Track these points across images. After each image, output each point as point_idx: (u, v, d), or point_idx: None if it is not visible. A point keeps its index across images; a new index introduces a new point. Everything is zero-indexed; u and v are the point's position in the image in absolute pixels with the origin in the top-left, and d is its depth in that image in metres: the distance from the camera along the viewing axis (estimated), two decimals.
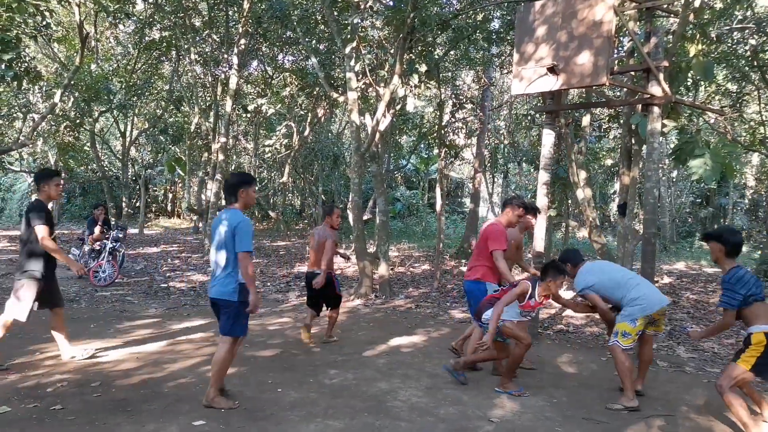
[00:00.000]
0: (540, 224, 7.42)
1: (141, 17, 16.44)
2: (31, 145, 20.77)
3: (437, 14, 10.60)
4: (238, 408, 4.55)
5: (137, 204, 27.03)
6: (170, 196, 31.02)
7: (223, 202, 5.12)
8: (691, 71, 7.45)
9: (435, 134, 17.88)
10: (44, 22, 10.71)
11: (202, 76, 17.73)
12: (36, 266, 5.36)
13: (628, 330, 5.05)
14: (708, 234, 4.79)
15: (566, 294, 9.64)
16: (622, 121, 9.84)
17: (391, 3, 11.20)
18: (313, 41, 14.29)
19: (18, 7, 8.96)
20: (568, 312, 9.16)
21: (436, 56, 12.64)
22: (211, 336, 7.10)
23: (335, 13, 11.14)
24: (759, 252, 15.33)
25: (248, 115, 21.00)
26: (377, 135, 10.63)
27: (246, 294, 4.48)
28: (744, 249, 21.97)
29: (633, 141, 7.72)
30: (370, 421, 4.42)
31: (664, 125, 6.97)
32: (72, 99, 17.15)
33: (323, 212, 7.56)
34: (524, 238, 7.21)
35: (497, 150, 23.45)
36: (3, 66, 9.20)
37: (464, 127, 17.83)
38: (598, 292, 5.36)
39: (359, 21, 10.28)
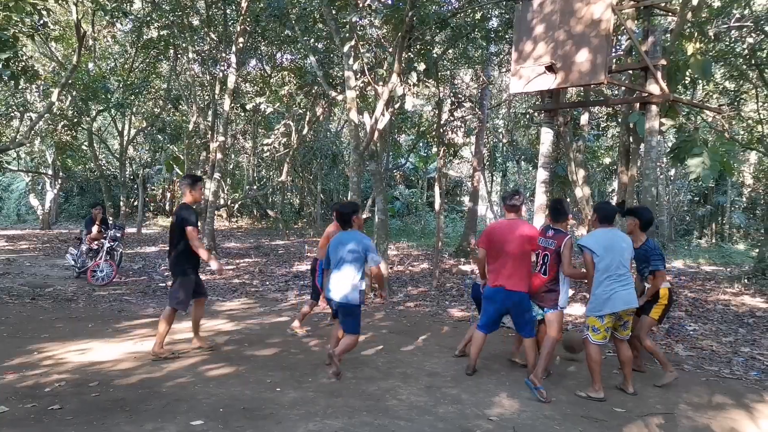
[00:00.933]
0: (540, 222, 7.43)
1: (138, 16, 16.42)
2: (28, 145, 20.74)
3: (436, 13, 10.60)
4: (240, 408, 4.55)
5: (135, 203, 27.00)
6: (168, 195, 30.97)
7: (221, 201, 5.22)
8: (689, 69, 7.46)
9: (434, 133, 17.88)
10: (41, 21, 10.70)
11: (200, 75, 17.73)
12: (187, 264, 6.03)
13: (597, 325, 5.12)
14: (628, 210, 5.97)
15: None
16: (620, 120, 9.85)
17: (390, 1, 11.20)
18: (312, 40, 14.27)
19: (15, 6, 8.94)
20: (567, 310, 9.15)
21: (435, 55, 12.63)
22: (209, 335, 7.09)
23: (334, 12, 11.13)
24: (756, 250, 15.35)
25: (247, 114, 21.00)
26: (376, 133, 10.62)
27: (363, 296, 5.70)
28: (741, 247, 21.96)
29: (631, 139, 7.73)
30: (368, 420, 4.42)
31: (662, 123, 6.98)
32: (69, 98, 17.13)
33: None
34: None
35: (496, 148, 23.50)
36: (0, 65, 9.17)
37: (463, 125, 17.84)
38: (591, 259, 5.19)
39: (358, 19, 10.26)
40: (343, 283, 5.50)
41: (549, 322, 5.49)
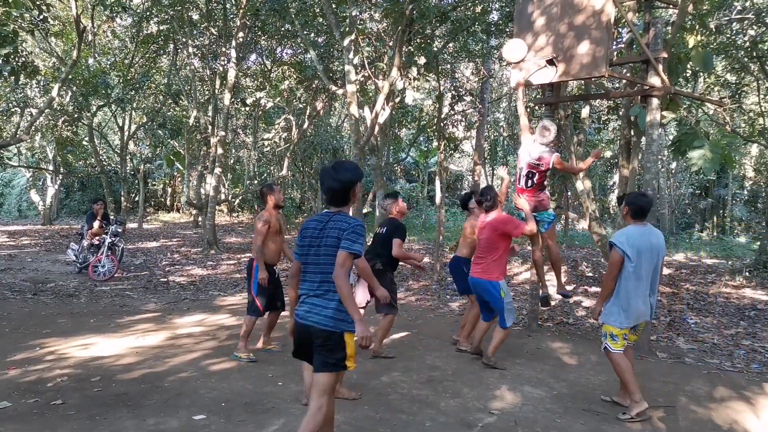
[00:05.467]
0: None
1: (138, 10, 16.36)
2: (29, 140, 20.72)
3: (436, 6, 10.56)
4: (242, 402, 4.56)
5: (136, 198, 26.98)
6: (169, 190, 30.95)
7: (222, 196, 5.14)
8: (690, 62, 7.43)
9: (434, 127, 17.84)
10: (41, 16, 10.68)
11: (201, 70, 17.66)
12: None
13: (615, 332, 4.62)
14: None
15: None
16: (621, 113, 9.82)
17: None
18: (312, 34, 14.24)
19: (15, 2, 8.92)
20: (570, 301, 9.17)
21: (435, 48, 12.59)
22: (211, 330, 7.11)
23: (333, 6, 11.09)
24: (758, 243, 15.34)
25: (247, 109, 20.94)
26: (376, 128, 10.61)
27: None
28: (743, 240, 21.91)
29: (632, 132, 7.71)
30: (370, 413, 4.42)
31: (663, 116, 6.95)
32: (70, 93, 17.09)
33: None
34: None
35: (497, 142, 23.45)
36: (0, 61, 9.16)
37: (463, 119, 17.80)
38: (624, 259, 4.53)
39: (358, 13, 10.23)
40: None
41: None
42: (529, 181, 6.19)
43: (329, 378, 3.25)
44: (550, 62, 6.51)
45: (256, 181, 25.02)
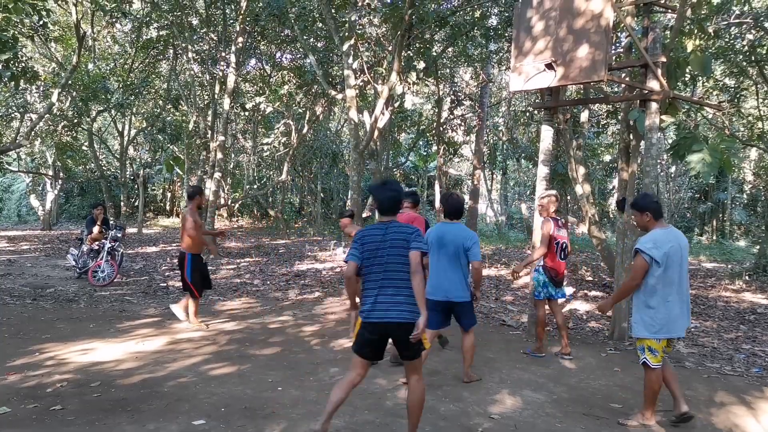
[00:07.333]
0: (540, 220, 7.42)
1: (138, 16, 16.41)
2: (28, 146, 20.74)
3: (435, 11, 10.59)
4: (242, 407, 4.55)
5: (136, 203, 26.96)
6: (169, 195, 30.95)
7: (222, 201, 5.21)
8: (689, 66, 7.44)
9: (434, 131, 17.89)
10: (41, 22, 10.69)
11: (200, 75, 17.70)
12: None
13: (654, 346, 4.42)
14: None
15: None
16: (620, 117, 9.84)
17: (389, 0, 11.19)
18: (311, 39, 14.26)
19: (15, 7, 8.93)
20: (569, 307, 9.16)
21: (434, 53, 12.63)
22: (210, 335, 7.10)
23: (333, 11, 11.12)
24: (757, 246, 15.35)
25: (246, 114, 20.99)
26: (376, 132, 10.62)
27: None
28: (742, 243, 21.90)
29: (631, 136, 7.72)
30: (370, 418, 4.42)
31: (662, 120, 6.97)
32: (69, 99, 17.11)
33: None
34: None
35: (496, 146, 23.50)
36: (0, 66, 9.18)
37: (463, 123, 17.86)
38: (651, 267, 4.33)
39: (357, 18, 10.26)
40: None
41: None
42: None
43: (419, 361, 3.91)
44: (549, 66, 6.53)
45: (255, 186, 25.04)
